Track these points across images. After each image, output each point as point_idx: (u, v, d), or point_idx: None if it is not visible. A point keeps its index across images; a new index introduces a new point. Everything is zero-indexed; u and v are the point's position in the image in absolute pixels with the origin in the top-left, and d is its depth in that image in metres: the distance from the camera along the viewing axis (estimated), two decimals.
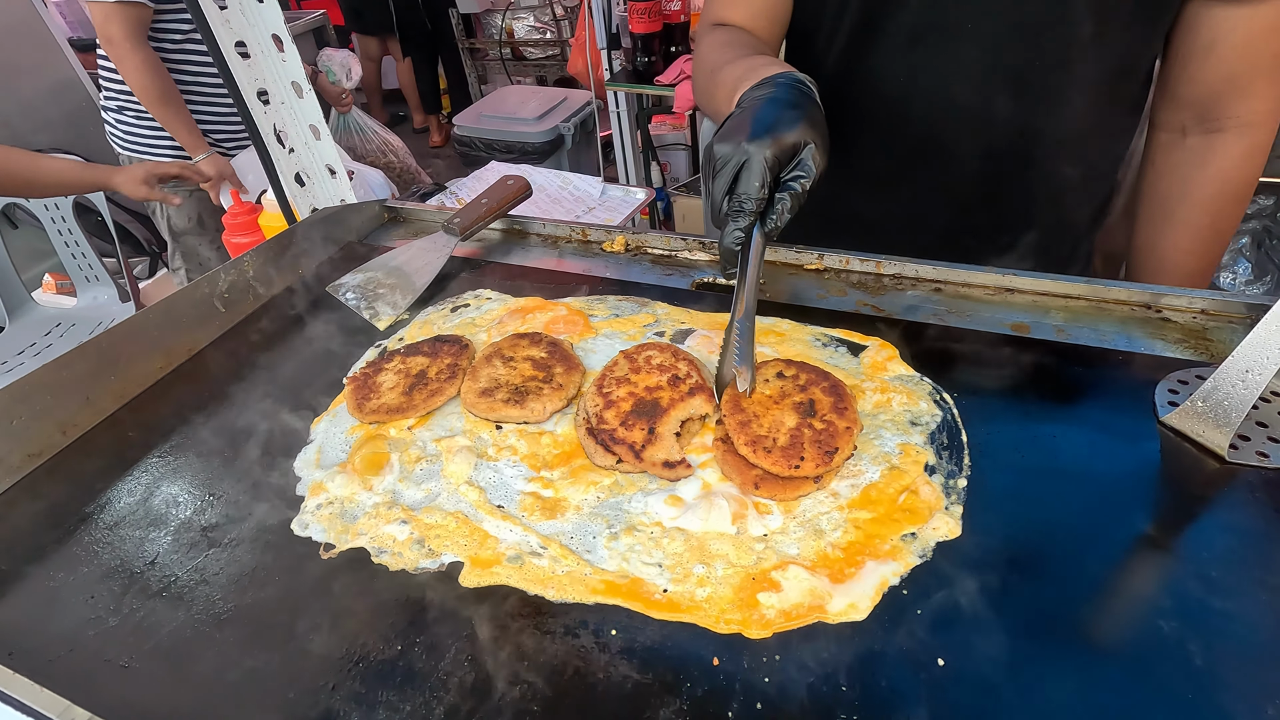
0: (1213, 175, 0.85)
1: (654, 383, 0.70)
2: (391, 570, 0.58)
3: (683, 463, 0.63)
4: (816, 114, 0.68)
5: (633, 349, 0.74)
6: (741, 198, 0.64)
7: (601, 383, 0.70)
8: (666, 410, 0.67)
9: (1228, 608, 0.49)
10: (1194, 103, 0.84)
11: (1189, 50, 0.82)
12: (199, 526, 0.64)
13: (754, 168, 0.63)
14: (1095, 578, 0.52)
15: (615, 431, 0.65)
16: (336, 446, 0.71)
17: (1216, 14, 0.78)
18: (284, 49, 0.94)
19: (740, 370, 0.65)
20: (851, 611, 0.52)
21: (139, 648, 0.54)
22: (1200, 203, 0.87)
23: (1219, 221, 0.87)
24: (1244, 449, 0.60)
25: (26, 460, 0.70)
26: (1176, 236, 0.89)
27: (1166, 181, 0.89)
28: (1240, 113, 0.81)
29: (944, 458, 0.63)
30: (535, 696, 0.48)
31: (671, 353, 0.73)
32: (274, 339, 0.87)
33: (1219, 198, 0.86)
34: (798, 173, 0.65)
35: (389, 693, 0.49)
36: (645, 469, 0.64)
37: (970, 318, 0.80)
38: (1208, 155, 0.85)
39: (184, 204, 2.14)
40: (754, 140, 0.63)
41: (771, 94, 0.69)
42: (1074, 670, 0.47)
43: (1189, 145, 0.86)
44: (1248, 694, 0.45)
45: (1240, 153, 0.83)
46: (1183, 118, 0.86)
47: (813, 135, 0.65)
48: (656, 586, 0.55)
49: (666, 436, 0.65)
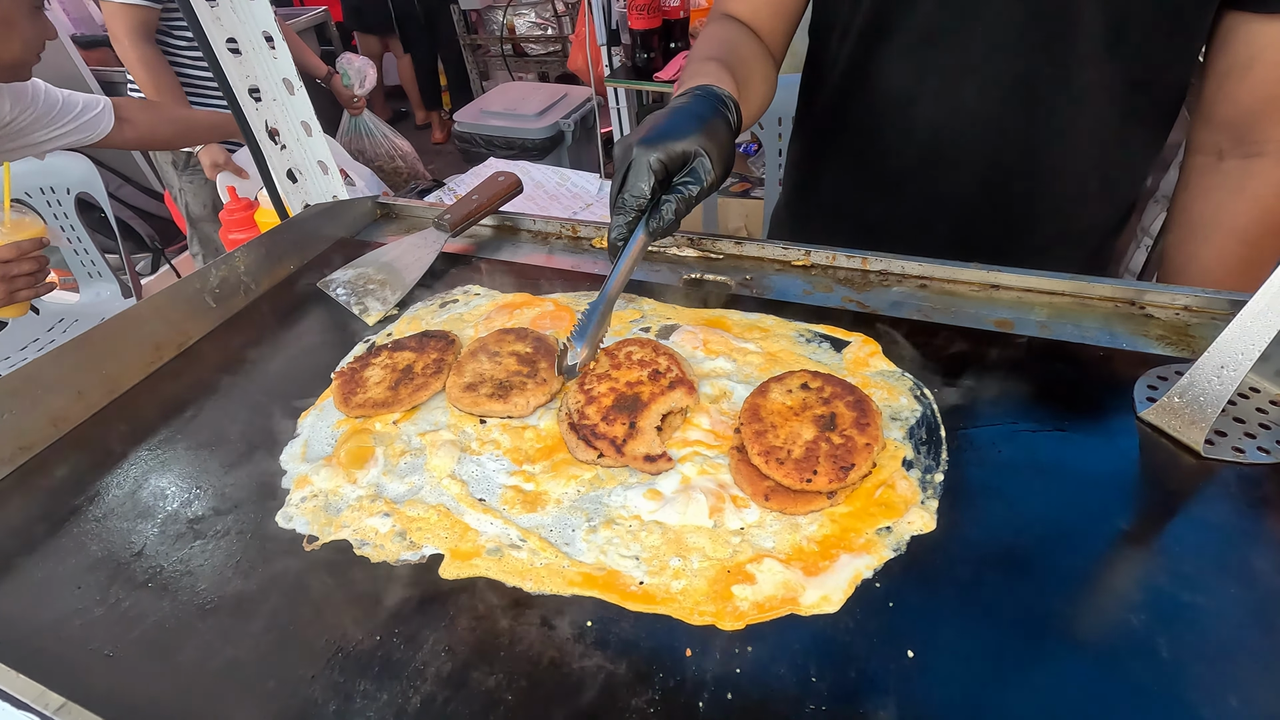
0: (1249, 202, 0.81)
1: (635, 378, 0.70)
2: (373, 562, 0.59)
3: (663, 456, 0.64)
4: (719, 127, 0.70)
5: (613, 345, 0.75)
6: (625, 196, 0.69)
7: (583, 379, 0.71)
8: (647, 404, 0.67)
9: (1197, 601, 0.50)
10: (1231, 124, 0.81)
11: (1226, 68, 0.78)
12: (185, 519, 0.65)
13: (640, 170, 0.68)
14: (1067, 572, 0.53)
15: (597, 427, 0.66)
16: (322, 440, 0.71)
17: (1255, 29, 0.74)
18: (275, 46, 0.95)
19: (571, 344, 0.69)
20: (824, 604, 0.52)
21: (123, 637, 0.55)
22: (1234, 230, 0.83)
23: (1253, 251, 0.83)
24: (1220, 445, 0.60)
25: (18, 453, 0.71)
26: (1208, 262, 0.86)
27: (1200, 206, 0.86)
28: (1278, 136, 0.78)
29: (921, 453, 0.63)
30: (510, 686, 0.49)
31: (652, 348, 0.73)
32: (264, 334, 0.88)
33: (1255, 226, 0.82)
34: (687, 179, 0.68)
35: (367, 682, 0.50)
36: (627, 463, 0.64)
37: (955, 314, 0.80)
38: (1244, 180, 0.81)
39: (200, 191, 2.21)
40: (644, 144, 0.68)
41: (682, 104, 0.72)
42: (1041, 662, 0.47)
43: (1225, 169, 0.83)
44: (1212, 686, 0.45)
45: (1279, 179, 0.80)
46: (1219, 140, 0.83)
47: (707, 146, 0.68)
48: (633, 579, 0.55)
49: (647, 430, 0.65)
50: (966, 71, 0.85)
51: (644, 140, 0.68)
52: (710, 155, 0.68)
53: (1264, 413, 0.63)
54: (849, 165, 1.02)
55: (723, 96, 0.74)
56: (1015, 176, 0.90)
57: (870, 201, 1.01)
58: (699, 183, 0.68)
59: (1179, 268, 0.90)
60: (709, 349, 0.76)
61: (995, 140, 0.88)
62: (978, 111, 0.86)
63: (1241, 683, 0.45)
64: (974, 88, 0.85)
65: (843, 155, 1.02)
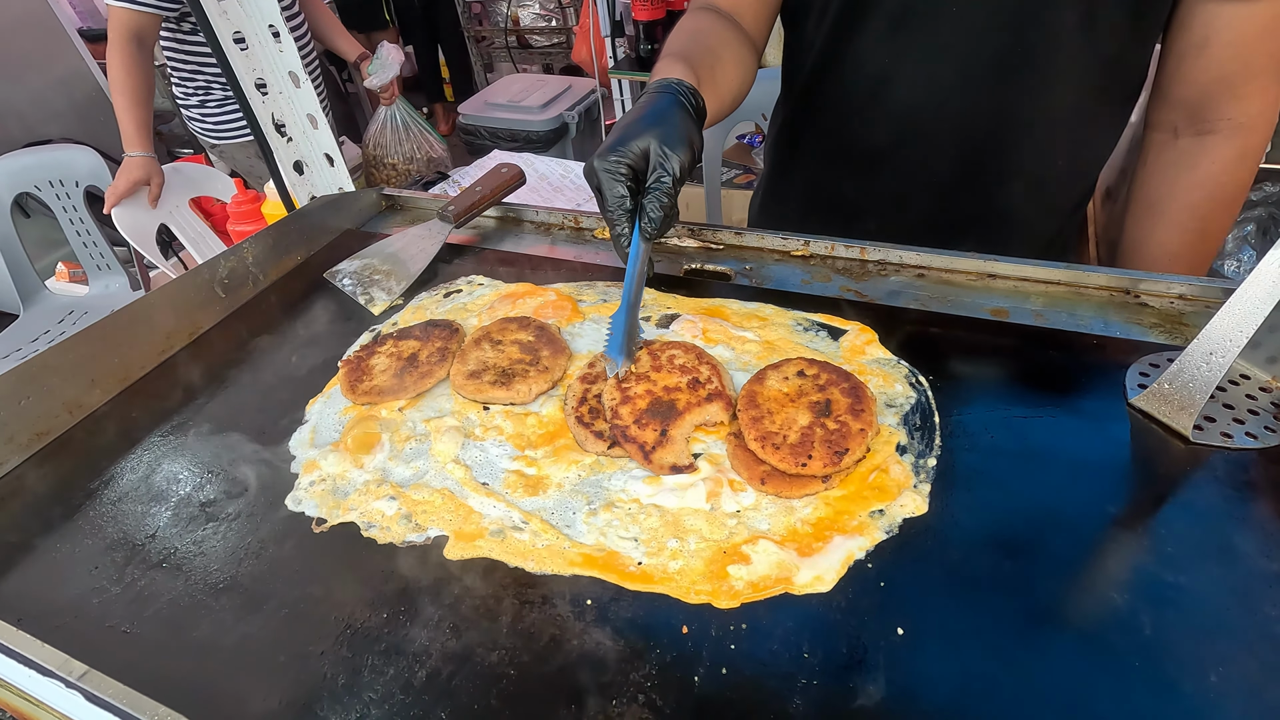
0: (1201, 178, 0.85)
1: (673, 383, 0.69)
2: (379, 543, 0.61)
3: (690, 466, 0.63)
4: (673, 115, 0.73)
5: (657, 345, 0.74)
6: (609, 206, 0.72)
7: (624, 377, 0.71)
8: (682, 414, 0.66)
9: (1180, 582, 0.51)
10: (1186, 103, 0.84)
11: (1182, 48, 0.81)
12: (198, 502, 0.66)
13: (608, 180, 0.71)
14: (1055, 553, 0.54)
15: (628, 429, 0.65)
16: (330, 427, 0.73)
17: (1210, 11, 0.77)
18: (280, 40, 0.96)
19: (609, 359, 0.71)
20: (817, 583, 0.54)
21: (139, 614, 0.57)
22: (1188, 206, 0.86)
23: (1207, 225, 0.87)
24: (1209, 430, 0.61)
25: (35, 439, 0.73)
26: (1163, 237, 0.89)
27: (1156, 182, 0.89)
28: (1232, 114, 0.81)
29: (915, 438, 0.64)
30: (512, 661, 0.51)
31: (696, 354, 0.72)
32: (272, 323, 0.90)
33: (1208, 201, 0.85)
34: (657, 173, 0.71)
35: (374, 657, 0.52)
36: (652, 469, 0.63)
37: (951, 303, 0.81)
38: (1198, 157, 0.84)
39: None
40: (603, 156, 0.71)
41: (635, 108, 0.75)
42: (1028, 640, 0.49)
43: (1180, 146, 0.86)
44: (1193, 662, 0.46)
45: (1231, 156, 0.83)
46: (1175, 118, 0.86)
47: (663, 135, 0.70)
48: (631, 559, 0.57)
49: (678, 440, 0.65)
50: (940, 52, 0.86)
51: (603, 152, 0.71)
52: (668, 143, 0.70)
53: (1253, 399, 0.64)
54: (826, 146, 1.04)
55: (675, 86, 0.76)
56: (987, 154, 0.92)
57: (845, 180, 1.03)
58: (668, 173, 0.70)
59: (1136, 243, 0.93)
60: (708, 337, 0.77)
61: (968, 119, 0.90)
62: (951, 91, 0.88)
63: (1223, 660, 0.46)
64: (947, 67, 0.87)
65: (820, 137, 1.04)
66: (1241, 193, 0.85)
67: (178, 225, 2.19)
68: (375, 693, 0.50)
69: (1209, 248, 0.89)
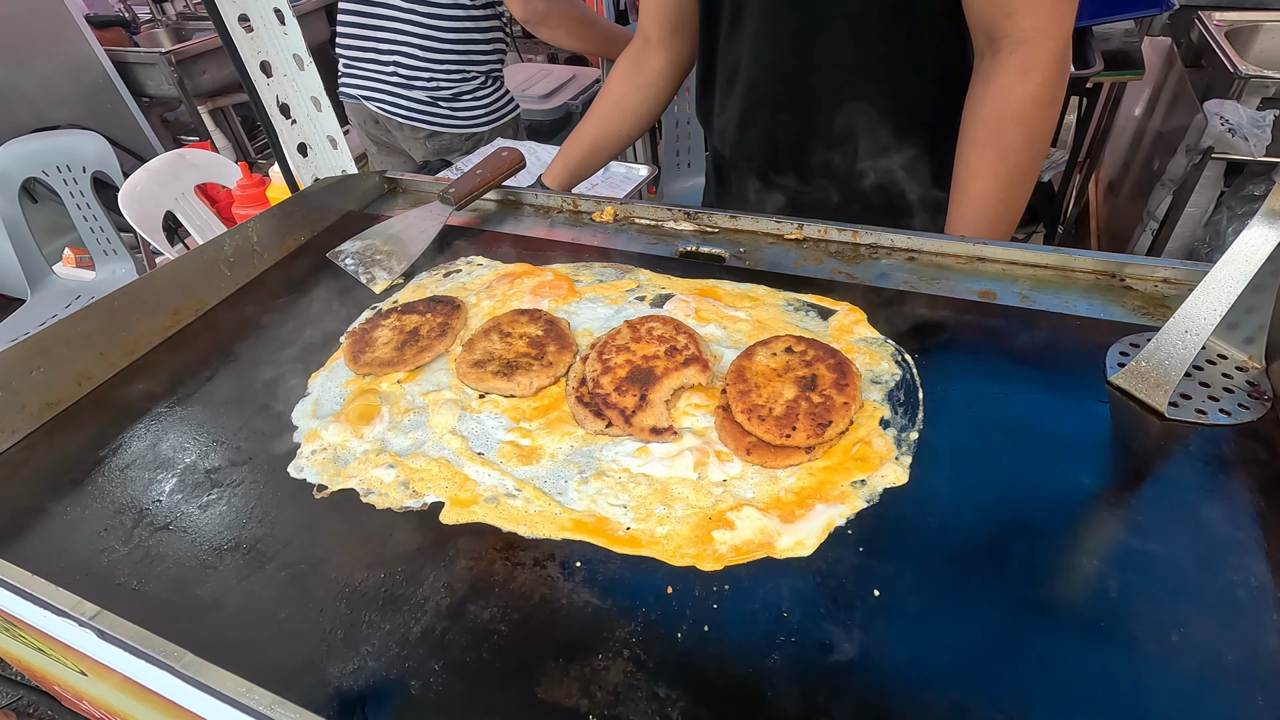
0: (990, 94, 0.88)
1: (652, 352, 0.72)
2: (378, 509, 0.63)
3: (669, 429, 0.66)
4: None
5: (637, 320, 0.76)
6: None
7: (602, 349, 0.73)
8: (660, 379, 0.69)
9: (1149, 549, 0.53)
10: (977, 26, 0.89)
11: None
12: (203, 469, 0.69)
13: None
14: (1028, 522, 0.56)
15: (609, 396, 0.68)
16: (331, 399, 0.75)
17: None
18: (285, 23, 0.98)
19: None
20: (798, 548, 0.56)
21: (148, 573, 0.59)
22: (980, 120, 0.89)
23: (1001, 140, 0.88)
24: (1184, 407, 0.63)
25: (46, 408, 0.75)
26: (966, 157, 0.92)
27: (965, 106, 0.93)
28: (1011, 30, 0.85)
29: (899, 413, 0.66)
30: (504, 619, 0.53)
31: (674, 326, 0.75)
32: (276, 301, 0.92)
33: (997, 116, 0.88)
34: None
35: (372, 614, 0.54)
36: (634, 434, 0.66)
37: (939, 284, 0.83)
38: (989, 75, 0.88)
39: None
40: None
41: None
42: (996, 601, 0.51)
43: (981, 69, 0.90)
44: (1155, 622, 0.48)
45: (1014, 67, 0.85)
46: (980, 43, 0.90)
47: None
48: (620, 524, 0.59)
49: (657, 404, 0.67)
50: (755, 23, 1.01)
51: None
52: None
53: (1229, 377, 0.65)
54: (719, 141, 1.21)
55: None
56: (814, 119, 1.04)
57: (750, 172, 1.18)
58: None
59: (952, 170, 0.95)
60: (700, 316, 0.79)
61: (784, 86, 1.04)
62: (772, 65, 1.03)
63: (1183, 620, 0.48)
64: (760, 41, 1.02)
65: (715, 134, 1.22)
66: (1035, 109, 0.86)
67: (183, 212, 2.21)
68: (372, 645, 0.52)
69: (1005, 167, 0.89)
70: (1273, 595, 0.49)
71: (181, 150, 2.36)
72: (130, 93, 3.39)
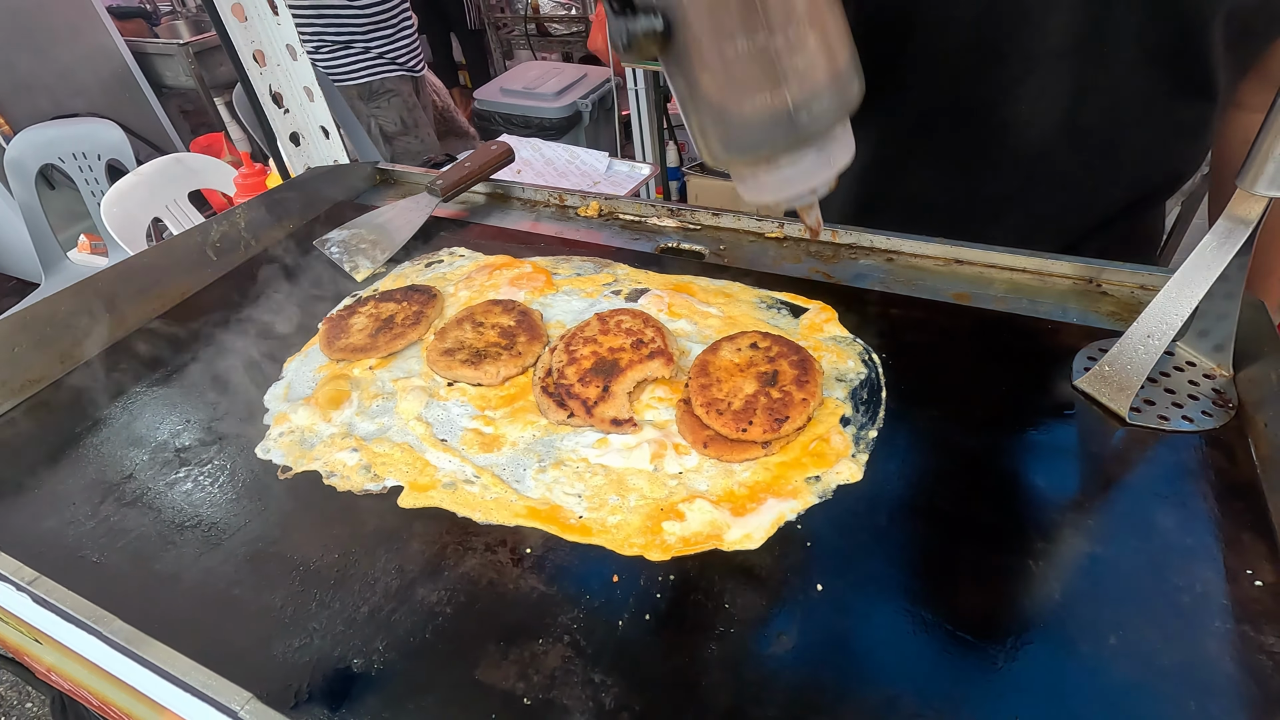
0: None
1: (618, 344, 0.72)
2: (339, 491, 0.64)
3: (630, 421, 0.66)
4: None
5: (606, 312, 0.77)
6: None
7: (570, 341, 0.74)
8: (624, 370, 0.70)
9: (1097, 552, 0.52)
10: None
11: None
12: (174, 448, 0.70)
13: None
14: (978, 522, 0.55)
15: (572, 387, 0.69)
16: (304, 383, 0.76)
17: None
18: (279, 13, 0.99)
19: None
20: (746, 541, 0.56)
21: (109, 546, 0.60)
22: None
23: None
24: (1147, 412, 0.62)
25: (26, 385, 0.77)
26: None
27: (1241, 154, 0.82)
28: None
29: (860, 411, 0.66)
30: (450, 601, 0.54)
31: (643, 319, 0.75)
32: (259, 287, 0.93)
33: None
34: None
35: (322, 593, 0.55)
36: (594, 424, 0.67)
37: (915, 286, 0.82)
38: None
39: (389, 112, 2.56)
40: None
41: None
42: (938, 600, 0.51)
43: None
44: (1095, 625, 0.48)
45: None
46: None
47: None
48: (573, 513, 0.59)
49: (619, 395, 0.68)
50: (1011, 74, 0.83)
51: None
52: None
53: (1195, 385, 0.64)
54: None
55: None
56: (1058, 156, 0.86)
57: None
58: None
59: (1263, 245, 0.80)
60: (672, 311, 0.79)
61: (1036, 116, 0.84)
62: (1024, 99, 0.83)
63: (1123, 624, 0.48)
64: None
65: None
66: None
67: (173, 219, 2.23)
68: (319, 623, 0.53)
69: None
70: (1217, 602, 0.49)
71: (179, 155, 2.39)
72: (149, 83, 3.44)
